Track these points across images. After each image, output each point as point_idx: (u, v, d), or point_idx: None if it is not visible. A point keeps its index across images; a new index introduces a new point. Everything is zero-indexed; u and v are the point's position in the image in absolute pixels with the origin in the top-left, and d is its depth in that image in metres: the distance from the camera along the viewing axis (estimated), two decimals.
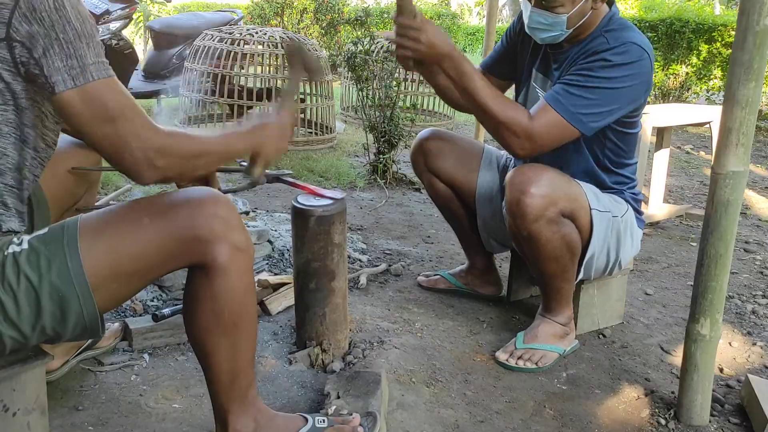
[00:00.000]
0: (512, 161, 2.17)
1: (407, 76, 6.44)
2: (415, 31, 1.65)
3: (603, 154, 1.90)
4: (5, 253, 1.04)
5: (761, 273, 2.81)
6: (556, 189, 1.76)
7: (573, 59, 1.81)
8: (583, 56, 1.78)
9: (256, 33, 4.99)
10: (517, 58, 2.04)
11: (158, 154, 1.06)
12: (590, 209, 1.83)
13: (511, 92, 2.15)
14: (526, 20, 1.82)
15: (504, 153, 2.27)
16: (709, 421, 1.62)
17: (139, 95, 5.70)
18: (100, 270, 1.07)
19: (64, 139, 1.50)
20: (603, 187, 1.93)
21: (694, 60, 7.74)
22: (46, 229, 1.09)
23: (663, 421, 1.63)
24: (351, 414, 1.40)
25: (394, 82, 4.03)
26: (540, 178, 1.74)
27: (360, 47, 3.97)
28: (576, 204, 1.81)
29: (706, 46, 7.66)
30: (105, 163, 1.55)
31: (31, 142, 1.10)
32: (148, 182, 1.09)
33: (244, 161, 1.39)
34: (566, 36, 1.80)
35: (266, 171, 1.72)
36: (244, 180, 1.42)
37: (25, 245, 1.06)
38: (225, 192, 1.46)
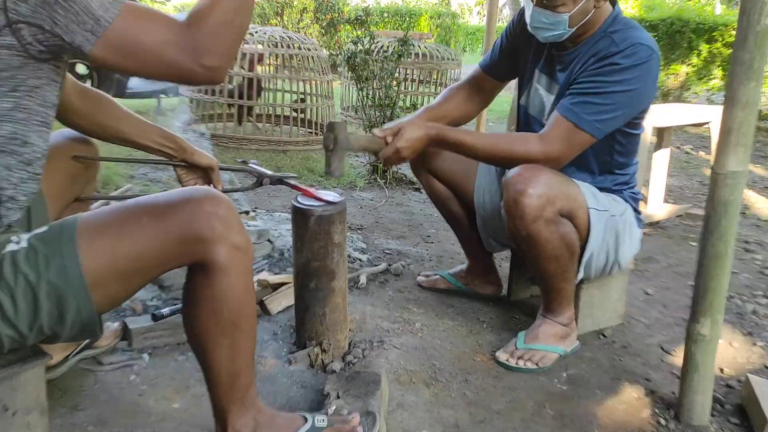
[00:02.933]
0: None
1: (407, 76, 6.44)
2: (395, 155, 1.81)
3: (609, 156, 1.90)
4: (3, 252, 1.04)
5: (761, 273, 2.81)
6: (553, 188, 1.76)
7: (580, 60, 1.81)
8: (592, 59, 1.78)
9: (256, 32, 4.99)
10: (518, 58, 2.04)
11: (201, 51, 1.02)
12: (588, 208, 1.83)
13: (511, 92, 2.15)
14: (528, 19, 1.82)
15: None
16: (710, 421, 1.62)
17: (138, 95, 5.70)
18: (99, 269, 1.06)
19: (62, 133, 1.50)
20: (604, 188, 1.93)
21: (695, 60, 7.75)
22: (45, 228, 1.09)
23: (663, 421, 1.63)
24: (351, 414, 1.40)
25: (394, 82, 4.03)
26: (537, 178, 1.74)
27: (360, 47, 3.97)
28: (574, 203, 1.81)
29: (707, 46, 7.66)
30: (103, 154, 1.56)
31: (50, 124, 1.11)
32: (221, 78, 1.06)
33: (245, 161, 1.39)
34: (569, 35, 1.80)
35: (269, 173, 1.74)
36: (248, 180, 1.42)
37: (24, 244, 1.05)
38: (226, 192, 1.46)
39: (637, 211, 2.01)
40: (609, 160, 1.91)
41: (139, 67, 1.03)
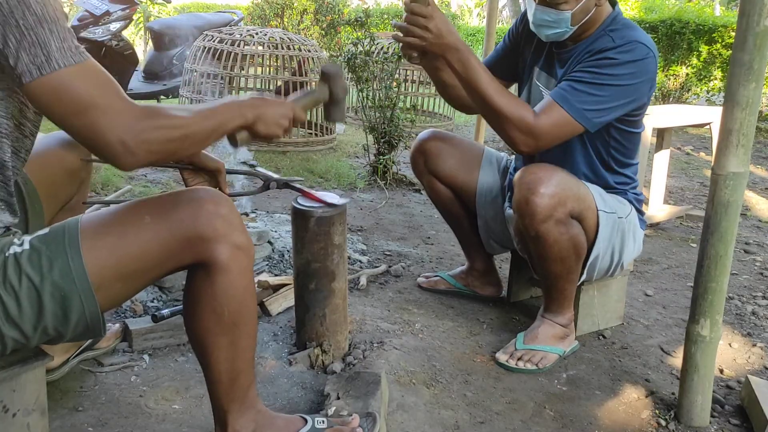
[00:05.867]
0: (513, 163, 2.17)
1: (407, 77, 6.45)
2: (425, 19, 1.65)
3: (608, 153, 1.90)
4: (6, 254, 1.04)
5: (761, 274, 2.81)
6: (565, 189, 1.76)
7: (578, 57, 1.81)
8: (588, 54, 1.78)
9: (257, 34, 4.99)
10: (519, 57, 2.04)
11: (137, 142, 1.00)
12: (597, 210, 1.83)
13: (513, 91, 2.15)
14: (530, 18, 1.83)
15: (504, 154, 2.27)
16: (710, 422, 1.62)
17: (139, 96, 5.71)
18: (102, 269, 1.07)
19: (53, 136, 1.49)
20: (607, 186, 1.93)
21: (695, 61, 7.75)
22: (47, 230, 1.09)
23: (663, 422, 1.63)
24: (351, 415, 1.40)
25: (394, 83, 4.04)
26: (550, 178, 1.74)
27: (360, 48, 3.98)
28: (584, 205, 1.81)
29: (707, 47, 7.66)
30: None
31: (8, 134, 1.07)
32: (129, 169, 1.05)
33: (253, 163, 1.38)
34: (571, 34, 1.81)
35: (276, 177, 1.73)
36: (255, 186, 1.41)
37: (27, 246, 1.06)
38: (232, 196, 1.46)
39: (640, 213, 2.02)
40: (609, 158, 1.91)
41: (67, 124, 0.99)
